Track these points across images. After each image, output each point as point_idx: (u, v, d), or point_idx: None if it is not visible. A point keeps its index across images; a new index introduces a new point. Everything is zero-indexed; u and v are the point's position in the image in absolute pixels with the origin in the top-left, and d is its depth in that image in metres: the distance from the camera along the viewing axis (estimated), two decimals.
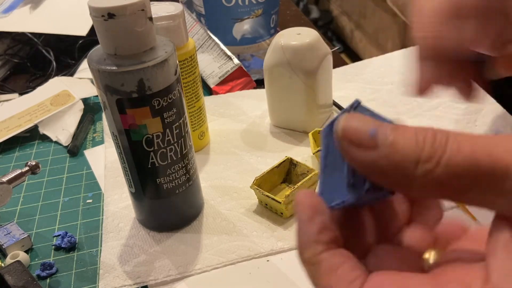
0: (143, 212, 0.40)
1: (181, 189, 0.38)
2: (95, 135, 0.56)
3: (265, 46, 0.69)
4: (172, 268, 0.37)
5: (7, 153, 0.54)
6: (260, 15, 0.65)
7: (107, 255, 0.38)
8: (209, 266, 0.37)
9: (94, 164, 0.51)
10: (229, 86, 0.61)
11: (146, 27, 0.31)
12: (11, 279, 0.35)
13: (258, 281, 0.36)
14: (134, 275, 0.36)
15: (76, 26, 0.69)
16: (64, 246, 0.40)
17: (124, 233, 0.41)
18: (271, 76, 0.49)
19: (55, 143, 0.55)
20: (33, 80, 0.70)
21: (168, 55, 0.32)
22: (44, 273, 0.38)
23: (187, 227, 0.41)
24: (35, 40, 0.72)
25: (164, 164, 0.36)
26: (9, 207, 0.45)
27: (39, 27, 0.70)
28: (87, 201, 0.45)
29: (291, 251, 0.38)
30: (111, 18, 0.30)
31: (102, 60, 0.32)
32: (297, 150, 0.50)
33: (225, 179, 0.46)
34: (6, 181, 0.38)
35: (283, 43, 0.47)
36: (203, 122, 0.49)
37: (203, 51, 0.64)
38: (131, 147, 0.35)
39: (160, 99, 0.33)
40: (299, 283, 0.35)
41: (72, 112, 0.57)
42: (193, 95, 0.47)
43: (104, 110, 0.34)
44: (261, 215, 0.42)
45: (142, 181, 0.37)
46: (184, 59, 0.44)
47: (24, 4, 0.76)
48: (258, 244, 0.39)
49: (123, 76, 0.31)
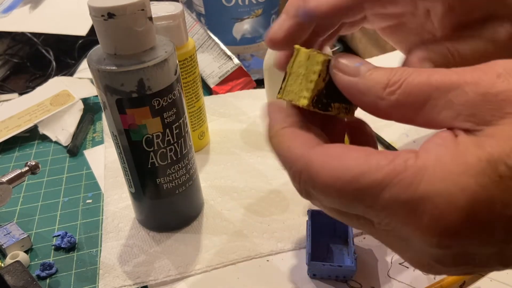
0: (143, 212, 0.40)
1: (181, 189, 0.38)
2: (95, 135, 0.56)
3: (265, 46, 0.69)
4: (172, 268, 0.37)
5: (7, 153, 0.54)
6: (260, 15, 0.65)
7: (107, 255, 0.38)
8: (209, 266, 0.37)
9: (94, 164, 0.51)
10: (229, 86, 0.61)
11: (146, 27, 0.31)
12: (11, 279, 0.34)
13: (258, 281, 0.36)
14: (134, 275, 0.36)
15: (76, 26, 0.69)
16: (64, 246, 0.40)
17: (124, 233, 0.40)
18: (271, 76, 0.49)
19: (55, 143, 0.55)
20: (33, 80, 0.70)
21: (168, 55, 0.32)
22: (44, 273, 0.38)
23: (187, 227, 0.41)
24: (35, 40, 0.72)
25: (164, 164, 0.36)
26: (9, 207, 0.45)
27: (39, 27, 0.70)
28: (87, 201, 0.45)
29: (292, 252, 0.38)
30: (111, 18, 0.30)
31: (102, 60, 0.32)
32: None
33: (225, 179, 0.46)
34: (6, 181, 0.38)
35: None
36: (203, 122, 0.49)
37: (203, 51, 0.63)
38: (131, 147, 0.35)
39: (160, 99, 0.33)
40: (299, 283, 0.35)
41: (72, 112, 0.57)
42: (193, 95, 0.47)
43: (104, 110, 0.34)
44: (261, 215, 0.41)
45: (142, 181, 0.37)
46: (184, 59, 0.44)
47: (23, 4, 0.76)
48: (258, 244, 0.39)
49: (123, 76, 0.31)
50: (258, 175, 0.46)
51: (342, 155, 0.20)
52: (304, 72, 0.25)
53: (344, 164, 0.20)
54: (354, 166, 0.20)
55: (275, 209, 0.42)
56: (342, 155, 0.20)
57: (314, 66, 0.24)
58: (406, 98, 0.20)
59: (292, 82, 0.25)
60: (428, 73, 0.20)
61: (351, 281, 0.35)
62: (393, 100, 0.20)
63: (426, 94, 0.20)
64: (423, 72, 0.20)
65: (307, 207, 0.42)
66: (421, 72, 0.20)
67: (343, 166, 0.20)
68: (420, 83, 0.20)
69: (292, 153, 0.22)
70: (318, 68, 0.24)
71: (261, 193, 0.44)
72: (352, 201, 0.20)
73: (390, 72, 0.21)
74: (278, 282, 0.36)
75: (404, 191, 0.18)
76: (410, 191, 0.18)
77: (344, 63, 0.23)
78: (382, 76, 0.21)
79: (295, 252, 0.38)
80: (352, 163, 0.20)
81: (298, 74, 0.25)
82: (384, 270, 0.36)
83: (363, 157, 0.20)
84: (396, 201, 0.18)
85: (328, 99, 0.24)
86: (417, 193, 0.18)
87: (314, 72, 0.24)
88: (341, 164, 0.20)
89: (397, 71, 0.21)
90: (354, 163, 0.20)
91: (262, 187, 0.45)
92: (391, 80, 0.21)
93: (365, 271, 0.36)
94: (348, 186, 0.20)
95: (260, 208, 0.42)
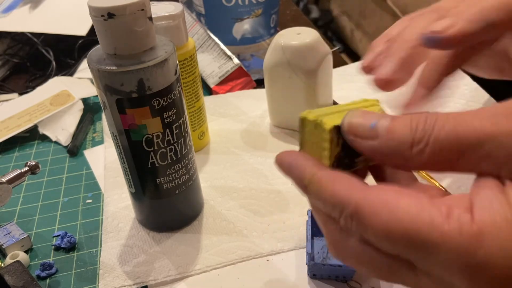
0: (143, 212, 0.40)
1: (181, 189, 0.38)
2: (94, 135, 0.56)
3: (265, 46, 0.69)
4: (172, 268, 0.37)
5: (7, 153, 0.54)
6: (260, 15, 0.65)
7: (107, 255, 0.38)
8: (209, 266, 0.37)
9: (93, 164, 0.51)
10: (229, 86, 0.61)
11: (146, 27, 0.31)
12: (11, 279, 0.34)
13: (258, 281, 0.36)
14: (134, 275, 0.36)
15: (76, 26, 0.69)
16: (64, 246, 0.40)
17: (123, 233, 0.40)
18: (271, 76, 0.49)
19: (55, 143, 0.55)
20: (33, 80, 0.70)
21: (168, 55, 0.32)
22: (43, 273, 0.38)
23: (187, 227, 0.41)
24: (35, 40, 0.72)
25: (164, 164, 0.36)
26: (9, 207, 0.45)
27: (39, 27, 0.70)
28: (87, 201, 0.45)
29: (292, 252, 0.38)
30: (111, 18, 0.30)
31: (102, 60, 0.32)
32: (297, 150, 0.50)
33: (225, 179, 0.46)
34: (6, 181, 0.38)
35: (283, 43, 0.47)
36: (203, 122, 0.49)
37: (203, 51, 0.63)
38: (131, 147, 0.35)
39: (160, 99, 0.33)
40: (299, 283, 0.35)
41: (71, 112, 0.57)
42: (193, 95, 0.47)
43: (104, 110, 0.34)
44: (261, 215, 0.41)
45: (142, 181, 0.37)
46: (184, 59, 0.44)
47: (23, 4, 0.76)
48: (258, 244, 0.39)
49: (123, 76, 0.31)
50: (258, 175, 0.46)
51: (393, 203, 0.19)
52: (316, 140, 0.24)
53: (396, 216, 0.19)
54: (406, 220, 0.19)
55: (275, 209, 0.42)
56: (392, 203, 0.19)
57: (323, 135, 0.23)
58: (438, 156, 0.19)
59: (309, 149, 0.24)
60: (453, 124, 0.19)
61: (351, 281, 0.35)
62: (424, 159, 0.20)
63: (458, 150, 0.19)
64: (446, 123, 0.19)
65: (307, 207, 0.42)
66: (445, 124, 0.19)
67: (395, 218, 0.19)
68: (449, 138, 0.19)
69: (339, 198, 0.21)
70: (327, 137, 0.22)
71: (261, 193, 0.44)
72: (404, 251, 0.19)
73: (411, 128, 0.20)
74: (278, 282, 0.36)
75: (461, 257, 0.18)
76: (468, 258, 0.18)
77: (357, 126, 0.22)
78: (404, 134, 0.20)
79: (295, 252, 0.38)
80: (404, 215, 0.19)
81: (312, 142, 0.24)
82: None
83: (415, 208, 0.19)
84: (452, 264, 0.18)
85: (349, 158, 0.23)
86: (475, 260, 0.18)
87: (325, 140, 0.23)
88: (393, 216, 0.19)
89: (418, 124, 0.20)
90: (406, 216, 0.19)
91: (262, 187, 0.45)
92: (416, 138, 0.20)
93: None
94: (401, 240, 0.19)
95: (260, 208, 0.42)
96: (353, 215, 0.20)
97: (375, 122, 0.21)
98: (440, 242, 0.18)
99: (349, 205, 0.21)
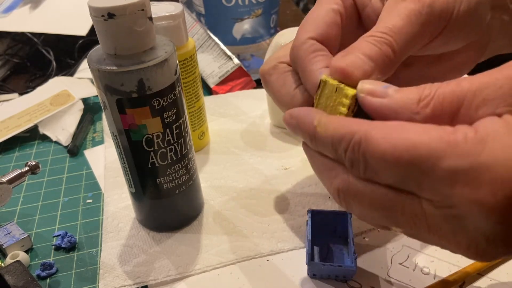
0: (143, 212, 0.40)
1: (181, 189, 0.38)
2: (95, 135, 0.56)
3: (265, 46, 0.69)
4: (172, 268, 0.37)
5: (7, 153, 0.54)
6: (260, 15, 0.65)
7: (107, 255, 0.38)
8: (209, 266, 0.37)
9: (94, 164, 0.51)
10: (229, 86, 0.61)
11: (146, 27, 0.31)
12: (11, 279, 0.34)
13: (258, 281, 0.36)
14: (134, 275, 0.36)
15: (76, 26, 0.69)
16: (64, 246, 0.40)
17: (124, 233, 0.40)
18: None
19: (55, 143, 0.55)
20: (33, 80, 0.70)
21: (168, 55, 0.32)
22: (44, 273, 0.38)
23: (187, 227, 0.41)
24: (35, 40, 0.72)
25: (164, 164, 0.36)
26: (9, 207, 0.45)
27: (39, 27, 0.70)
28: (87, 201, 0.45)
29: (292, 252, 0.38)
30: (111, 18, 0.30)
31: (102, 60, 0.32)
32: (297, 150, 0.50)
33: (225, 179, 0.46)
34: (6, 181, 0.38)
35: (283, 43, 0.47)
36: (203, 122, 0.49)
37: (203, 51, 0.64)
38: (131, 147, 0.35)
39: (160, 99, 0.33)
40: (299, 283, 0.35)
41: (72, 112, 0.57)
42: (193, 95, 0.47)
43: (104, 110, 0.34)
44: (261, 215, 0.42)
45: (142, 181, 0.37)
46: (184, 59, 0.44)
47: (24, 4, 0.76)
48: (258, 244, 0.39)
49: (123, 76, 0.31)
50: (258, 175, 0.46)
51: (403, 127, 0.21)
52: (332, 104, 0.25)
53: (405, 134, 0.21)
54: (414, 136, 0.21)
55: (275, 209, 0.42)
56: (402, 127, 0.21)
57: (343, 99, 0.24)
58: (441, 107, 0.21)
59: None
60: (456, 81, 0.21)
61: (351, 281, 0.35)
62: (428, 112, 0.22)
63: (459, 99, 0.21)
64: (451, 82, 0.21)
65: (307, 207, 0.42)
66: (449, 83, 0.21)
67: (404, 136, 0.21)
68: (452, 90, 0.21)
69: (348, 128, 0.23)
70: (347, 102, 0.24)
71: (261, 193, 0.44)
72: (409, 170, 0.21)
73: (418, 89, 0.22)
74: (278, 282, 0.36)
75: (464, 160, 0.19)
76: (471, 160, 0.19)
77: (371, 87, 0.24)
78: (412, 93, 0.22)
79: (295, 252, 0.38)
80: (413, 134, 0.21)
81: (326, 105, 0.25)
82: (384, 270, 0.36)
83: (423, 129, 0.21)
84: (456, 169, 0.19)
85: None
86: (478, 161, 0.19)
87: (344, 105, 0.24)
88: (402, 135, 0.21)
89: (425, 86, 0.22)
90: (414, 134, 0.21)
91: (262, 187, 0.45)
92: (422, 94, 0.22)
93: (365, 271, 0.36)
94: (407, 153, 0.20)
95: (260, 208, 0.42)
96: (362, 141, 0.22)
97: (386, 86, 0.23)
98: (446, 149, 0.20)
99: (358, 131, 0.22)
